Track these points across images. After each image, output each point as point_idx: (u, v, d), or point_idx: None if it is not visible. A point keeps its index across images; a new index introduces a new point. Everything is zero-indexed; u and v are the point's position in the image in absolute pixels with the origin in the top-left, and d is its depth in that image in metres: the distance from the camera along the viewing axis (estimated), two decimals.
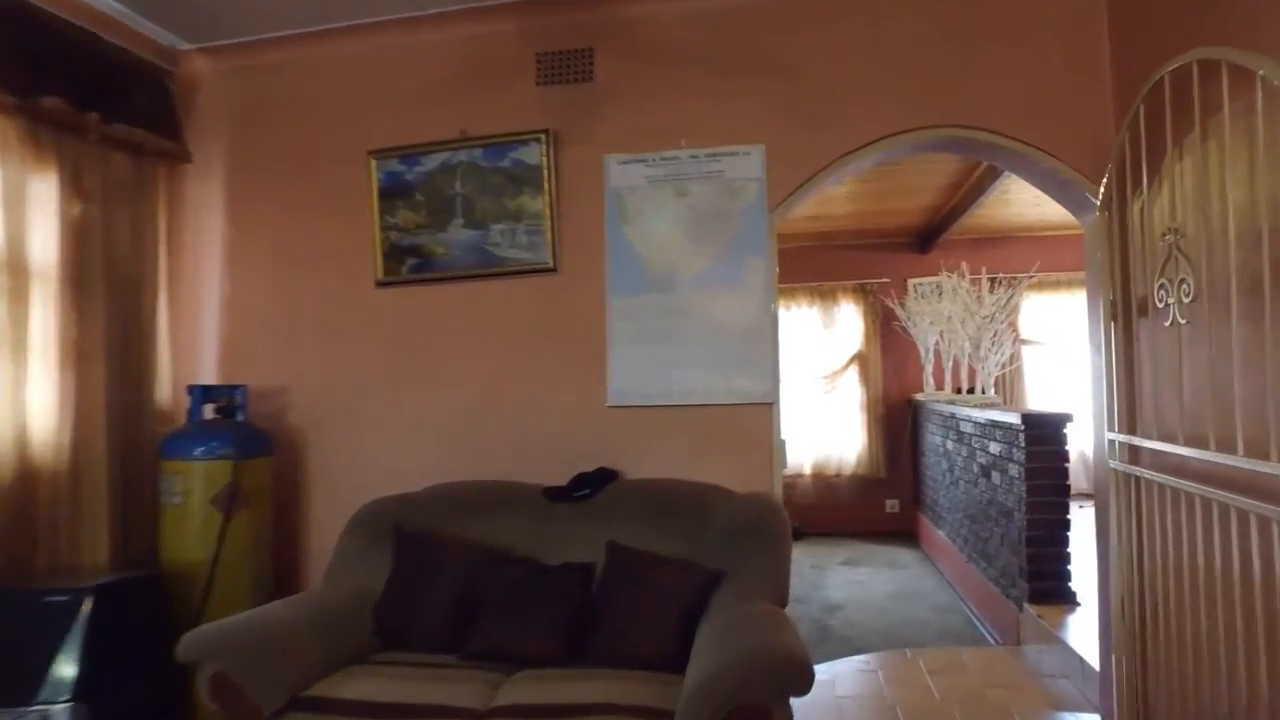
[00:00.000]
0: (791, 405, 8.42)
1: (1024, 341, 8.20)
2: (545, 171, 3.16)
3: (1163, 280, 2.33)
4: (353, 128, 3.44)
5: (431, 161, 3.29)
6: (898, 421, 8.18)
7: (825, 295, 8.40)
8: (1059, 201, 3.34)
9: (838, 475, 8.26)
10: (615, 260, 3.14)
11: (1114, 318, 2.79)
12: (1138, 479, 2.63)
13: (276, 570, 3.29)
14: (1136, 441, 2.61)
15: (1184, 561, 2.35)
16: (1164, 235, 2.31)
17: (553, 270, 3.20)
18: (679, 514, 2.78)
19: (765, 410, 3.06)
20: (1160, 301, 2.34)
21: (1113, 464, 2.75)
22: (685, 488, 2.90)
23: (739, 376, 3.04)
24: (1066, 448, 4.35)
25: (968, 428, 5.65)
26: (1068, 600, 4.28)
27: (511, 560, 2.78)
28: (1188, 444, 2.23)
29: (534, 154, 3.18)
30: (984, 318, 5.70)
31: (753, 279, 3.06)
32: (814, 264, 8.46)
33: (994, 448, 4.93)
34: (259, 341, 3.54)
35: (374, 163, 3.35)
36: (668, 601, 2.46)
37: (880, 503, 8.22)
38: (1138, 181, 2.56)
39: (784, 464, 3.20)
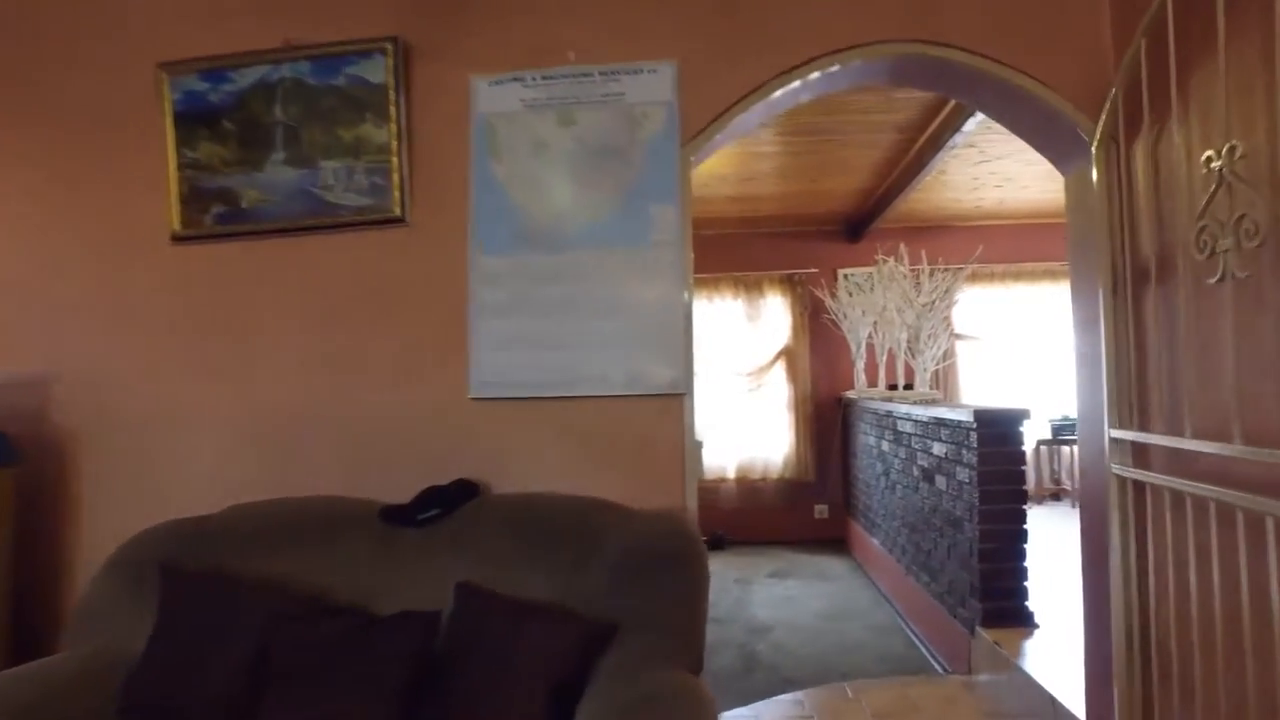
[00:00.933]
0: (715, 403, 7.82)
1: (958, 336, 7.76)
2: (392, 93, 2.41)
3: (1205, 222, 1.73)
4: (139, 32, 2.62)
5: (245, 78, 2.50)
6: (827, 421, 7.64)
7: (751, 286, 7.82)
8: (1039, 148, 2.76)
9: (764, 479, 7.68)
10: (483, 210, 2.41)
11: (1116, 286, 2.20)
12: (1149, 488, 2.04)
13: (19, 624, 2.45)
14: (1157, 440, 2.01)
15: (1214, 590, 1.76)
16: (1208, 162, 1.72)
17: (401, 222, 2.44)
18: (558, 542, 2.07)
19: (676, 404, 2.38)
20: (1203, 250, 1.74)
21: (1115, 469, 2.15)
22: (569, 505, 2.19)
23: (643, 360, 2.34)
24: (1024, 448, 3.81)
25: (906, 427, 5.10)
26: (1025, 623, 3.74)
27: (327, 610, 2.02)
28: (1243, 441, 1.63)
29: (377, 70, 2.42)
30: (924, 305, 5.17)
31: (660, 234, 2.37)
32: (738, 252, 7.86)
33: (938, 449, 4.37)
34: (3, 317, 2.68)
35: (167, 80, 2.54)
36: (535, 667, 1.74)
37: (809, 508, 7.67)
38: (1158, 105, 1.97)
39: (700, 471, 2.52)
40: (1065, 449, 7.67)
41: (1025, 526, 3.74)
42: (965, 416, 3.82)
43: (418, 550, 2.11)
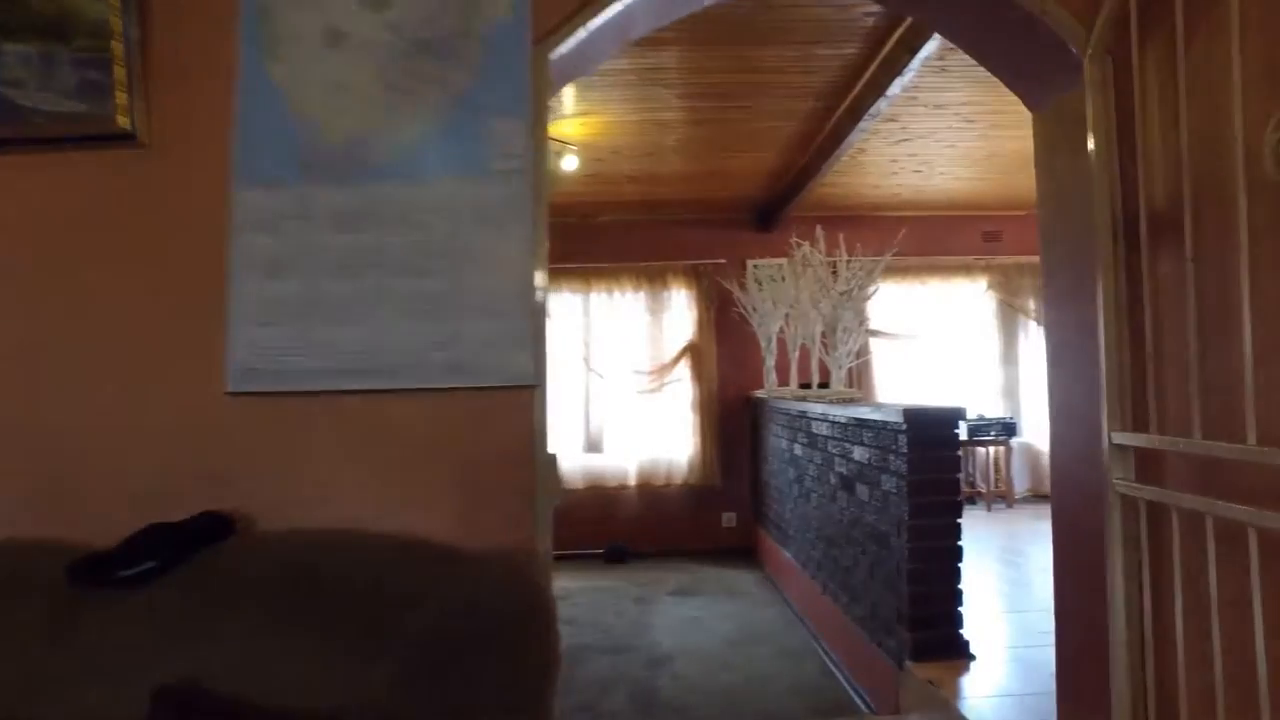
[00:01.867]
0: (615, 404, 7.19)
1: (874, 333, 7.34)
2: None
3: None
4: None
5: None
6: (736, 422, 7.10)
7: (654, 278, 7.21)
8: (1010, 77, 2.23)
9: (667, 485, 7.09)
10: (251, 125, 1.68)
11: (1118, 240, 1.65)
12: (1173, 513, 1.49)
13: None
14: (1184, 446, 1.45)
15: (1257, 647, 1.21)
16: None
17: (129, 139, 1.69)
18: (342, 609, 1.38)
19: (523, 401, 1.70)
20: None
21: (1119, 485, 1.60)
22: (364, 550, 1.49)
23: (477, 338, 1.65)
24: (958, 452, 3.30)
25: (822, 429, 4.57)
26: (960, 653, 3.22)
27: None
28: None
29: None
30: (841, 294, 4.65)
31: (505, 160, 1.68)
32: (641, 241, 7.25)
33: (859, 454, 3.84)
34: None
35: None
36: None
37: (716, 516, 7.12)
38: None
39: (558, 494, 1.86)
40: (980, 450, 7.35)
41: (960, 543, 3.23)
42: (893, 417, 3.29)
43: (117, 626, 1.38)
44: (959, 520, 3.21)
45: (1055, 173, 2.00)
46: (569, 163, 4.88)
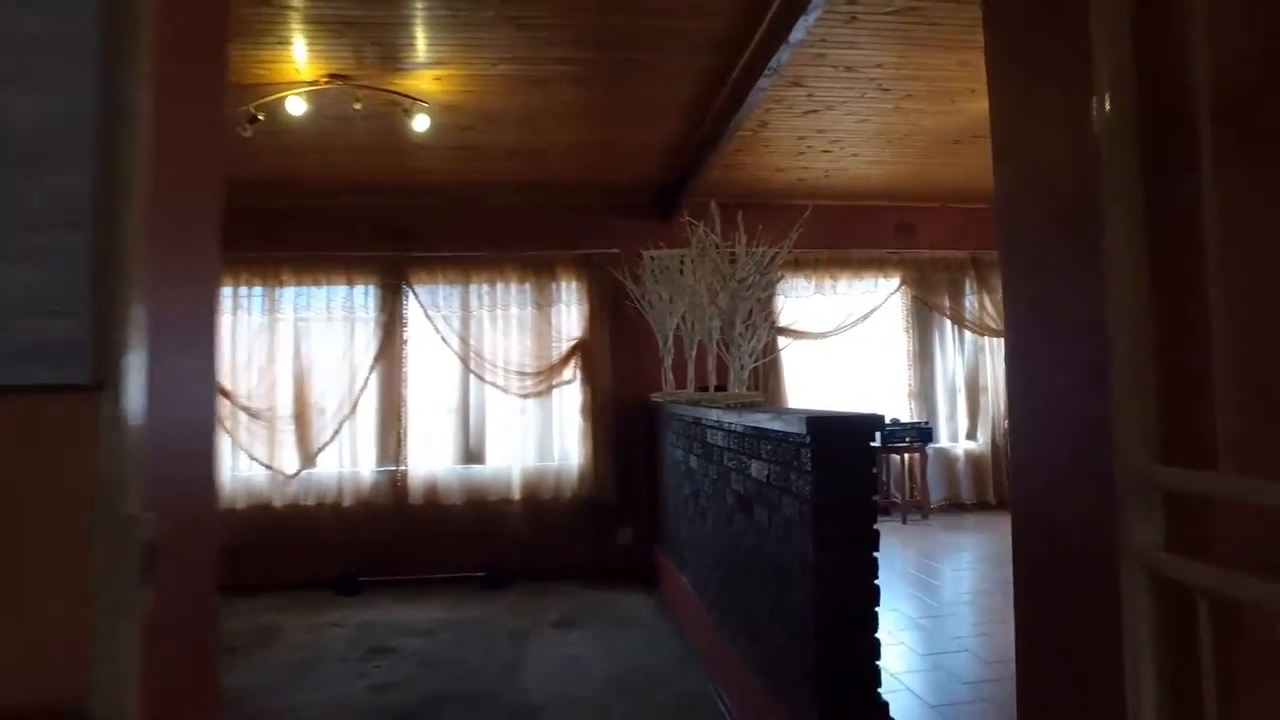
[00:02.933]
0: (496, 409, 6.42)
1: (781, 331, 6.78)
2: None
3: None
4: None
5: None
6: (632, 429, 6.43)
7: (541, 269, 6.47)
8: None
9: (556, 498, 6.35)
10: None
11: (1153, 150, 1.01)
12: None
13: None
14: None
15: None
16: None
17: None
18: None
19: (68, 416, 0.93)
20: None
21: (1155, 559, 0.95)
22: None
23: None
24: (875, 471, 2.68)
25: (717, 438, 3.92)
26: (878, 716, 2.60)
27: None
28: None
29: None
30: (739, 283, 4.01)
31: None
32: (526, 228, 6.51)
33: (757, 470, 3.20)
34: None
35: None
36: None
37: (610, 533, 6.42)
38: None
39: (134, 605, 1.07)
40: (895, 458, 6.86)
41: (877, 581, 2.61)
42: (794, 427, 2.64)
43: None
44: (875, 555, 2.58)
45: (1020, 71, 1.36)
46: (420, 123, 4.11)
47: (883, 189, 6.62)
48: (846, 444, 2.57)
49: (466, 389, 6.38)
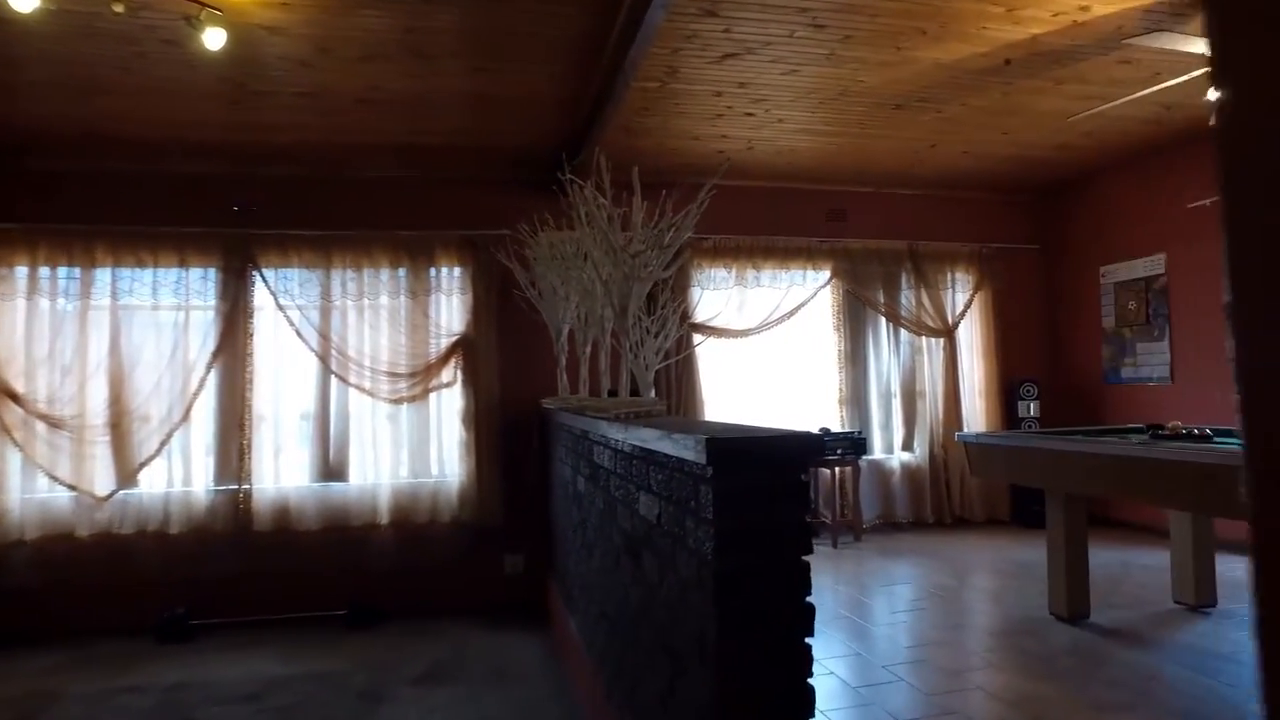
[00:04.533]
0: (360, 417, 5.43)
1: (696, 327, 5.97)
2: None
3: None
4: None
5: None
6: (524, 440, 5.51)
7: (417, 251, 5.51)
8: None
9: (432, 522, 5.39)
10: None
11: None
12: None
13: None
14: None
15: None
16: None
17: None
18: None
19: None
20: None
21: None
22: None
23: None
24: (813, 509, 1.83)
25: (604, 458, 3.06)
26: None
27: None
28: None
29: None
30: (633, 257, 3.14)
31: None
32: (400, 203, 5.54)
33: (646, 505, 2.33)
34: None
35: None
36: None
37: (496, 561, 5.49)
38: None
39: None
40: (826, 472, 6.10)
41: (810, 680, 1.76)
42: (690, 451, 1.76)
43: None
44: (808, 640, 1.73)
45: None
46: (212, 39, 3.12)
47: (813, 168, 5.86)
48: (768, 479, 1.72)
49: (326, 393, 5.36)
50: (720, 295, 6.09)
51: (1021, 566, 5.06)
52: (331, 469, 5.33)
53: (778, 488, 1.72)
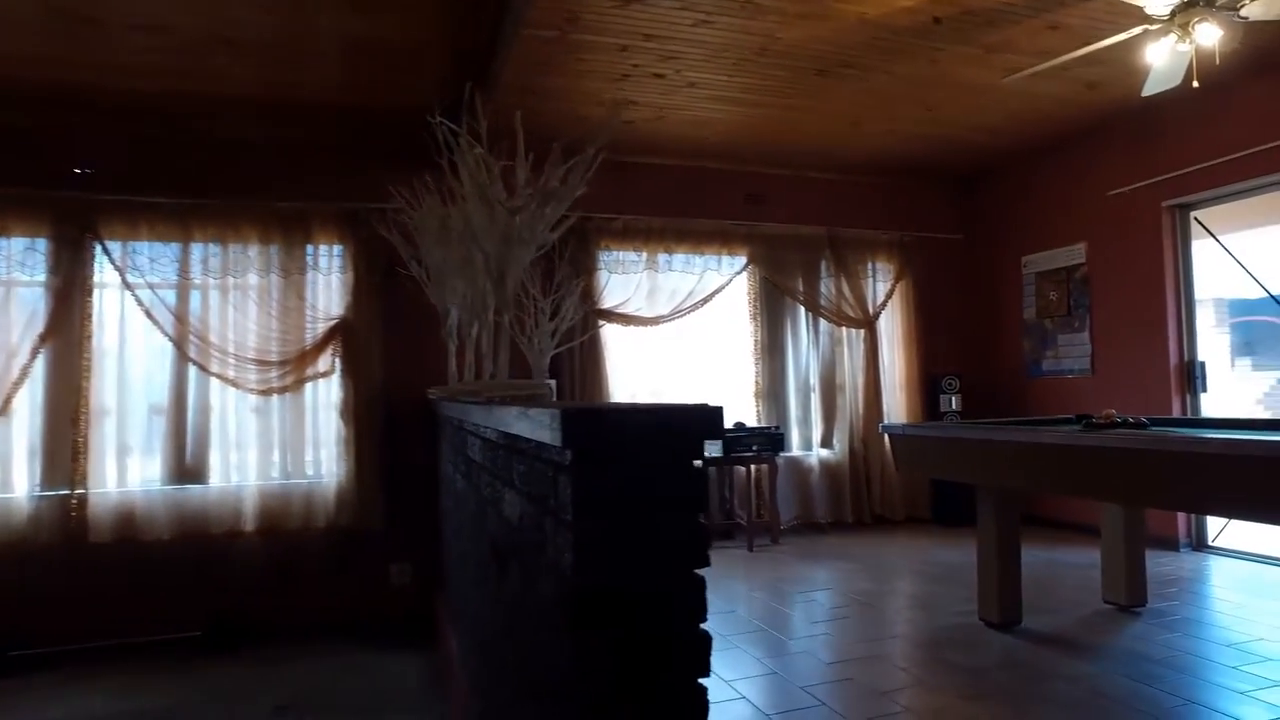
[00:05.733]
0: (223, 411, 4.80)
1: (603, 314, 5.53)
2: None
3: None
4: None
5: None
6: (411, 435, 4.96)
7: (290, 225, 4.91)
8: None
9: (306, 528, 4.80)
10: None
11: None
12: None
13: None
14: None
15: None
16: None
17: None
18: None
19: None
20: None
21: None
22: None
23: None
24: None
25: (475, 450, 2.58)
26: None
27: None
28: None
29: None
30: (513, 213, 2.66)
31: None
32: (273, 169, 4.94)
33: (510, 503, 1.87)
34: None
35: None
36: None
37: (381, 570, 4.93)
38: None
39: None
40: (741, 470, 5.73)
41: None
42: (544, 431, 1.30)
43: None
44: (702, 682, 1.29)
45: None
46: None
47: (730, 145, 5.49)
48: (649, 467, 1.27)
49: (183, 383, 4.71)
50: (629, 280, 5.65)
51: (946, 568, 4.78)
52: (188, 469, 4.68)
53: (662, 479, 1.27)
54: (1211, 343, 5.48)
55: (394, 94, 4.38)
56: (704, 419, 1.27)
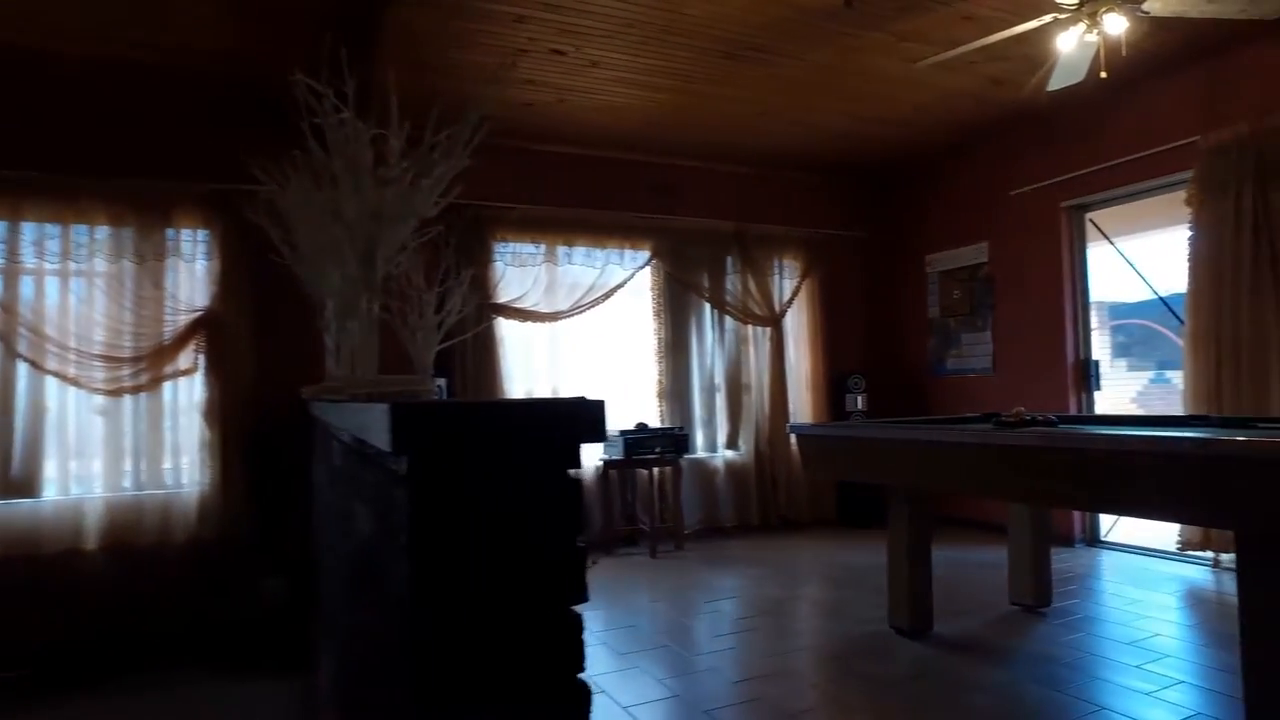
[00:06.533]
0: (70, 414, 4.27)
1: (499, 309, 5.22)
2: None
3: None
4: None
5: None
6: (285, 438, 4.51)
7: (147, 205, 4.40)
8: None
9: (163, 543, 4.31)
10: None
11: None
12: None
13: None
14: None
15: None
16: None
17: None
18: None
19: None
20: None
21: None
22: None
23: None
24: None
25: (338, 454, 2.25)
26: None
27: None
28: None
29: None
30: (384, 185, 2.34)
31: None
32: (126, 143, 4.41)
33: (361, 517, 1.55)
34: None
35: None
36: None
37: (250, 589, 4.46)
38: None
39: None
40: (643, 473, 5.50)
41: None
42: (381, 430, 1.01)
43: None
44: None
45: None
46: None
47: (634, 134, 5.26)
48: (510, 478, 0.99)
49: (9, 381, 4.13)
50: (527, 273, 5.35)
51: (854, 572, 4.65)
52: (13, 482, 4.11)
53: (527, 493, 1.00)
54: (1094, 343, 5.57)
55: (266, 63, 3.95)
56: (580, 417, 1.00)
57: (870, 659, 3.16)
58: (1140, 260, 5.33)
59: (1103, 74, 3.35)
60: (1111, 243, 5.34)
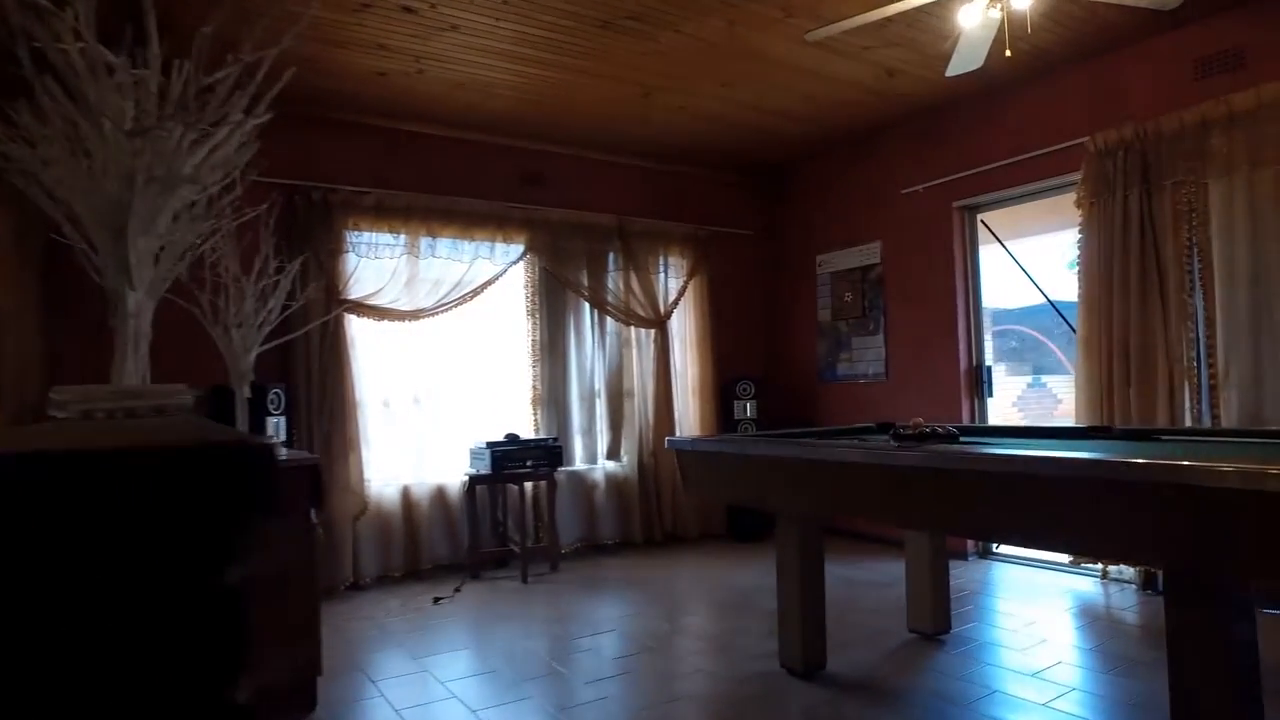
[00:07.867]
0: None
1: (351, 306, 4.62)
2: None
3: None
4: None
5: None
6: None
7: None
8: None
9: None
10: None
11: None
12: None
13: None
14: None
15: None
16: None
17: None
18: None
19: None
20: None
21: None
22: None
23: None
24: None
25: None
26: None
27: None
28: None
29: None
30: (133, 134, 1.78)
31: None
32: None
33: None
34: None
35: None
36: None
37: None
38: None
39: None
40: (514, 488, 5.00)
41: None
42: None
43: None
44: None
45: None
46: None
47: (504, 115, 4.76)
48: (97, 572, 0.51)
49: None
50: (384, 266, 4.76)
51: (743, 595, 4.29)
52: None
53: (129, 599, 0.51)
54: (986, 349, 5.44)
55: None
56: (241, 463, 0.54)
57: (760, 705, 2.77)
58: (1027, 264, 5.22)
59: (1007, 52, 3.09)
60: (1003, 245, 5.20)
